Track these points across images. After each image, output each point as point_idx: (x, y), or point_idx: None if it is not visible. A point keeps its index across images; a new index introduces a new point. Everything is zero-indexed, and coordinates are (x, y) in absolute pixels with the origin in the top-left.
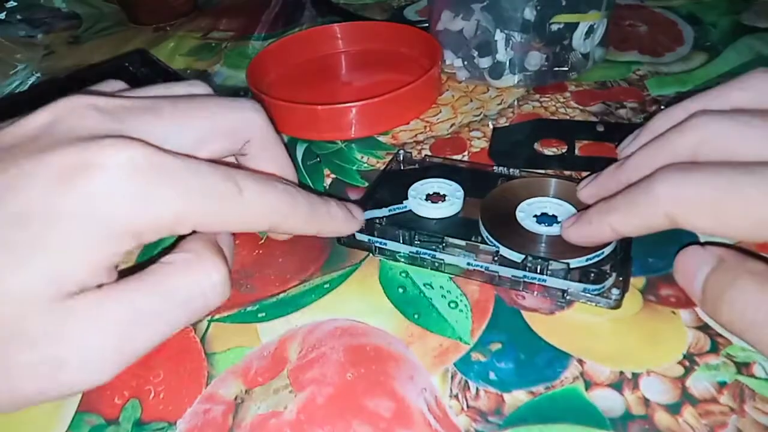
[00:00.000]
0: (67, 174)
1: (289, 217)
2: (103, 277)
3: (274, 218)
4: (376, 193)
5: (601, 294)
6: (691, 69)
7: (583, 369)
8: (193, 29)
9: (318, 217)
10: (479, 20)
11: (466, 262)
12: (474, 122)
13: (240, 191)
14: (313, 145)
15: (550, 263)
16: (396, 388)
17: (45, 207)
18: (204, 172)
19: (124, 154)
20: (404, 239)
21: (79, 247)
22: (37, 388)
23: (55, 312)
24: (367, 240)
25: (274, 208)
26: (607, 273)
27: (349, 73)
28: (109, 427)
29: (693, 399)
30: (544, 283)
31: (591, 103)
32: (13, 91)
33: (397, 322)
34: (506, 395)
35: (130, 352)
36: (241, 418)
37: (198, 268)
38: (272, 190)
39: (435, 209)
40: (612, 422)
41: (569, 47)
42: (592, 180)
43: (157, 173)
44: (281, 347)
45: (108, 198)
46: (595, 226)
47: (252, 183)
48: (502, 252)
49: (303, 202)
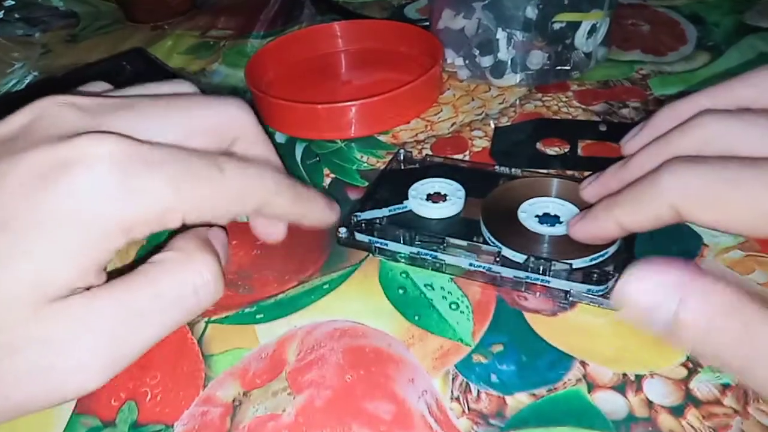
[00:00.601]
0: (46, 173)
1: (274, 196)
2: (93, 279)
3: (258, 196)
4: (376, 192)
5: (605, 295)
6: (694, 68)
7: (586, 371)
8: (191, 27)
9: (302, 199)
10: (480, 19)
11: (467, 262)
12: (475, 121)
13: (221, 171)
14: (312, 145)
15: (552, 264)
16: (396, 390)
17: (25, 208)
18: (185, 158)
19: (103, 148)
20: (405, 239)
21: (64, 249)
22: (27, 396)
23: (41, 317)
24: (367, 240)
25: (257, 186)
26: (610, 274)
27: (349, 72)
28: (105, 429)
29: (696, 401)
30: (547, 284)
31: (593, 102)
32: (10, 90)
33: (397, 323)
34: (508, 398)
35: (123, 356)
36: (239, 421)
37: (189, 266)
38: (254, 167)
39: (436, 209)
40: (615, 425)
41: (571, 46)
42: (594, 179)
43: (140, 164)
44: (280, 349)
45: (91, 195)
46: (600, 222)
47: (233, 161)
48: (504, 252)
49: (286, 182)
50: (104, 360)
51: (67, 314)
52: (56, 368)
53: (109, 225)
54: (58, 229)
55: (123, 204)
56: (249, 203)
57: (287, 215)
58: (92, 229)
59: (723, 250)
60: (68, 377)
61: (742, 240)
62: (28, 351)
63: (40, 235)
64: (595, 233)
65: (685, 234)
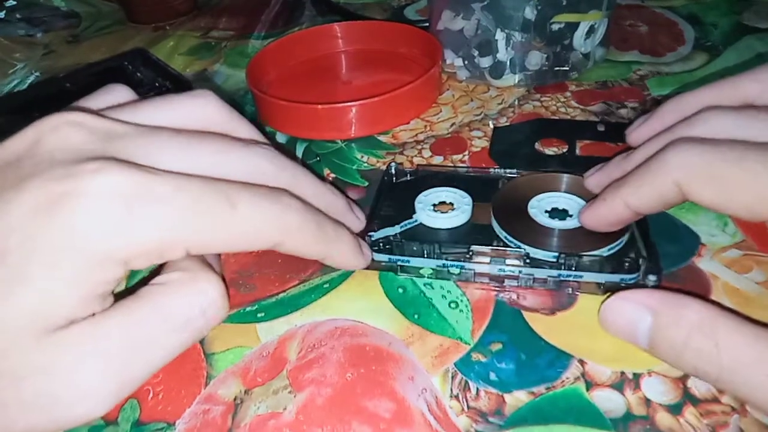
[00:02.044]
0: (48, 203)
1: (294, 234)
2: (95, 306)
3: (275, 235)
4: (381, 210)
5: (637, 283)
6: (692, 69)
7: (584, 369)
8: (193, 28)
9: (327, 239)
10: (480, 20)
11: (497, 269)
12: (474, 122)
13: (232, 206)
14: (313, 145)
15: (582, 257)
16: (396, 388)
17: (25, 239)
18: (193, 192)
19: (107, 179)
20: (428, 253)
21: (63, 279)
22: (30, 425)
23: (42, 346)
24: (387, 260)
25: (274, 224)
26: (637, 260)
27: (349, 73)
28: (108, 428)
29: (694, 399)
30: (580, 279)
31: (592, 102)
32: (12, 90)
33: (397, 322)
34: (507, 396)
35: (129, 381)
36: (240, 419)
37: (193, 286)
38: (273, 205)
39: (446, 219)
40: (613, 423)
41: (570, 47)
42: (599, 169)
43: (144, 198)
44: (281, 347)
45: (89, 227)
46: (608, 203)
47: (248, 196)
48: (532, 254)
49: (311, 219)
50: (110, 386)
51: (70, 343)
52: (61, 397)
53: (104, 257)
54: (57, 260)
55: (119, 238)
56: (263, 241)
57: (306, 253)
58: (89, 260)
59: (720, 249)
60: (74, 405)
61: (739, 239)
62: (31, 380)
63: (39, 265)
64: (605, 216)
65: (683, 233)
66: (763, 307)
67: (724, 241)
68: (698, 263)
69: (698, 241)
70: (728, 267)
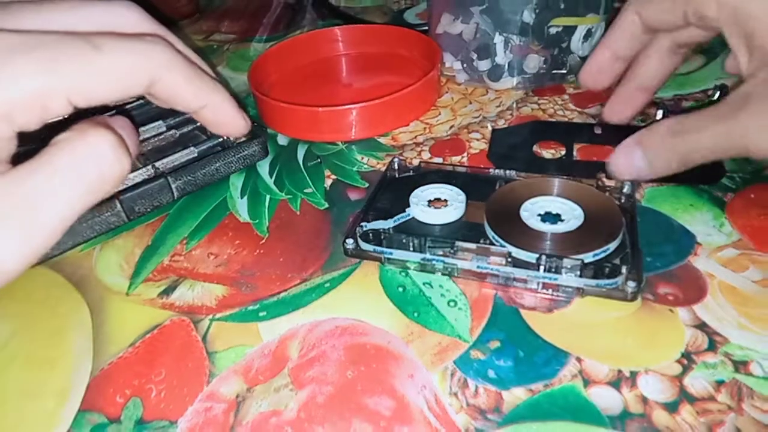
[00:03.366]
0: None
1: (165, 72)
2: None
3: (146, 71)
4: (377, 202)
5: (617, 288)
6: (689, 71)
7: (582, 367)
8: (195, 31)
9: (202, 84)
10: (478, 23)
11: (476, 265)
12: (473, 124)
13: (96, 48)
14: (313, 147)
15: (563, 261)
16: (396, 386)
17: None
18: (56, 41)
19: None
20: (414, 247)
21: None
22: None
23: None
24: (372, 250)
25: (142, 60)
26: (618, 267)
27: (350, 76)
28: (111, 426)
29: (691, 397)
30: (556, 281)
31: (589, 105)
32: None
33: (396, 320)
34: (505, 393)
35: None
36: (242, 417)
37: (82, 141)
38: (139, 43)
39: (439, 214)
40: (610, 420)
41: (567, 50)
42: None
43: (7, 53)
44: (282, 346)
45: None
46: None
47: (111, 38)
48: (514, 253)
49: (181, 59)
50: (15, 244)
51: None
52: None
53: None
54: None
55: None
56: (137, 79)
57: (184, 99)
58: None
59: (716, 249)
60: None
61: (735, 239)
62: None
63: None
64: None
65: (679, 233)
66: (760, 305)
67: (720, 241)
68: (694, 262)
69: (694, 241)
70: (724, 266)
